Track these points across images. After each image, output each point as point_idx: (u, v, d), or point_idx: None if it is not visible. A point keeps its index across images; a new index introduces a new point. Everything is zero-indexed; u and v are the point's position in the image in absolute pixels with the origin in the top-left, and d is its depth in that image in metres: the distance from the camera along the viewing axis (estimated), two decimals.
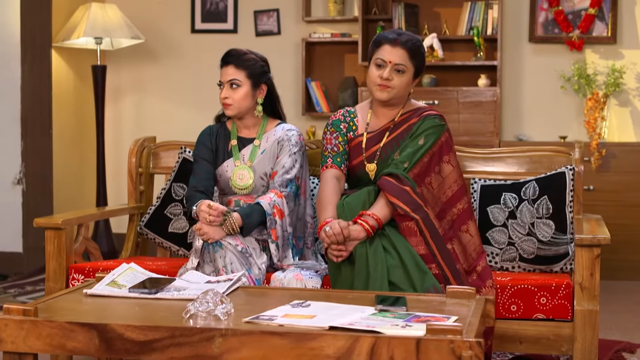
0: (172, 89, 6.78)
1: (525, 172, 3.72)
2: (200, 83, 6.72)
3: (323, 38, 6.42)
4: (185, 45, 6.76)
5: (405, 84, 3.33)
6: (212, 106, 6.64)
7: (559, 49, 6.24)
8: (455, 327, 2.18)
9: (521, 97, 6.33)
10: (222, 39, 6.70)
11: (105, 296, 2.70)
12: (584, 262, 3.10)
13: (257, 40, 6.63)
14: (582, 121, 6.16)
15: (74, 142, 6.43)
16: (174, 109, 6.78)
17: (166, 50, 6.76)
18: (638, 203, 5.77)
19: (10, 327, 2.35)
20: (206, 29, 6.73)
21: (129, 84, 6.81)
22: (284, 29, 6.63)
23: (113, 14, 6.04)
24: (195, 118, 6.72)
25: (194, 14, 6.73)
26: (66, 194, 6.30)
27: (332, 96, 6.55)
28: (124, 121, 6.83)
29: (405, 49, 3.31)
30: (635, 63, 6.11)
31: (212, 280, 2.88)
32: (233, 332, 2.25)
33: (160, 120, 6.78)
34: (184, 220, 3.89)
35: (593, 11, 6.10)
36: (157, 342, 2.28)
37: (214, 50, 6.67)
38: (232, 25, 6.69)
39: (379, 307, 2.51)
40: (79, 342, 2.32)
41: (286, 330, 2.25)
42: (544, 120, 6.29)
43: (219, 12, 6.69)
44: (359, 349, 2.19)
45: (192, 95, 6.75)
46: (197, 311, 2.39)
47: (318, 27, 6.57)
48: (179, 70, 6.77)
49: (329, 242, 3.06)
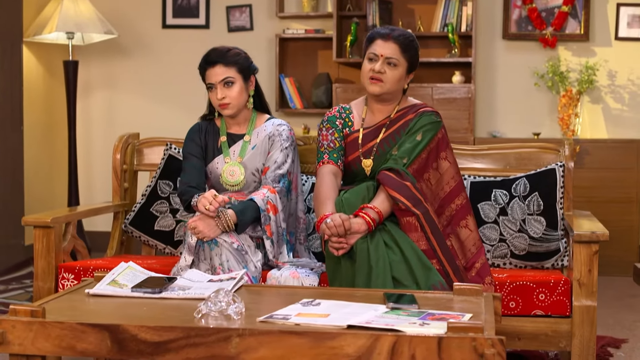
0: (144, 85, 6.70)
1: (513, 169, 3.73)
2: (172, 79, 6.65)
3: (297, 34, 6.38)
4: (156, 40, 6.68)
5: (397, 78, 3.32)
6: (183, 102, 6.61)
7: (532, 46, 6.28)
8: (477, 325, 2.17)
9: (495, 94, 6.35)
10: (193, 35, 6.64)
11: (109, 296, 2.64)
12: (582, 258, 3.12)
13: (230, 36, 6.57)
14: (555, 118, 6.21)
15: (44, 138, 6.32)
16: (145, 104, 6.70)
17: (137, 45, 6.68)
18: (611, 199, 5.83)
19: (18, 328, 2.29)
20: (178, 25, 6.66)
21: (99, 79, 6.71)
22: (257, 24, 6.58)
23: (85, 9, 5.94)
24: (167, 114, 6.66)
25: (165, 9, 6.65)
26: (37, 190, 6.19)
27: (305, 93, 6.52)
28: (94, 117, 6.73)
29: (397, 43, 3.31)
30: (607, 60, 6.17)
31: (214, 279, 2.84)
32: (250, 332, 2.21)
33: (131, 116, 6.69)
34: (170, 217, 3.83)
35: (566, 9, 6.14)
36: (172, 343, 2.23)
37: (185, 46, 6.63)
38: (204, 20, 6.62)
39: (391, 305, 2.49)
40: (90, 344, 2.26)
41: (305, 330, 2.22)
42: (517, 117, 6.32)
43: (190, 8, 6.62)
44: (380, 347, 2.17)
45: (164, 91, 6.68)
46: (210, 311, 2.35)
47: (291, 23, 6.53)
48: (150, 66, 6.69)
49: (330, 234, 3.03)
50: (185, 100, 6.64)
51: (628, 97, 6.20)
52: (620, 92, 6.20)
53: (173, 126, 6.46)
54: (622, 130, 6.18)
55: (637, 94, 6.19)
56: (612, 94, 6.21)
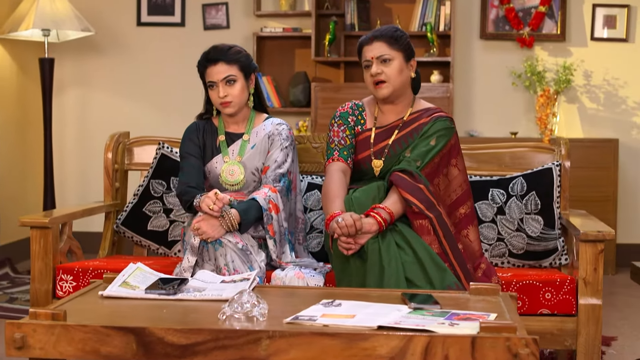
0: (118, 83, 6.61)
1: (508, 168, 3.74)
2: (147, 77, 6.57)
3: (275, 32, 6.35)
4: (131, 38, 6.60)
5: (397, 70, 3.30)
6: (158, 100, 6.53)
7: (509, 45, 6.32)
8: (510, 325, 2.16)
9: (472, 93, 6.38)
10: (168, 33, 6.58)
11: (123, 298, 2.59)
12: (587, 257, 3.13)
13: (206, 34, 6.52)
14: (532, 117, 6.25)
15: (18, 137, 6.20)
16: (119, 103, 6.61)
17: (111, 43, 6.59)
18: (588, 198, 5.87)
19: (39, 332, 2.23)
20: (152, 22, 6.58)
21: (73, 77, 6.60)
22: (233, 23, 6.53)
23: (62, 6, 5.84)
24: (142, 112, 6.59)
25: (140, 7, 6.57)
26: (9, 189, 6.08)
27: (283, 91, 6.49)
28: (67, 116, 6.62)
29: (382, 40, 3.31)
30: (583, 60, 6.23)
31: (226, 280, 2.80)
32: (281, 334, 2.18)
33: (105, 114, 6.60)
34: (164, 217, 3.78)
35: (543, 9, 6.19)
36: (200, 345, 2.19)
37: (160, 44, 6.56)
38: (179, 18, 6.56)
39: (413, 305, 2.47)
40: (115, 347, 2.21)
41: (336, 331, 2.19)
42: (494, 116, 6.36)
43: (165, 5, 6.55)
44: (413, 348, 2.15)
45: (139, 89, 6.60)
46: (234, 312, 2.32)
47: (268, 21, 6.49)
48: (125, 64, 6.60)
49: (340, 234, 3.00)
50: (161, 98, 6.57)
51: (603, 97, 6.26)
52: (595, 92, 6.26)
53: (148, 124, 6.41)
54: (598, 130, 6.25)
55: (612, 94, 6.25)
56: (587, 93, 6.27)
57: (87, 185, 6.62)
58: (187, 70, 6.45)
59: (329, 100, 6.06)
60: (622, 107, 6.25)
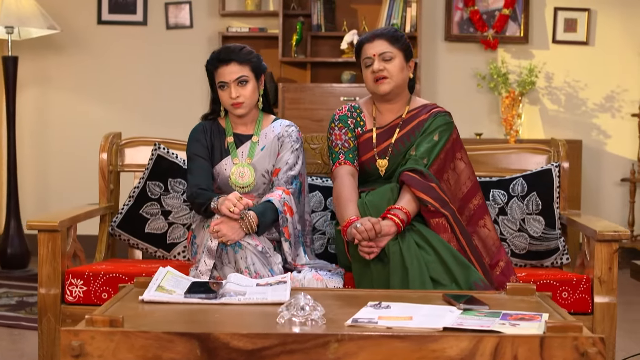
0: (79, 82, 6.46)
1: (503, 170, 3.79)
2: (108, 76, 6.45)
3: (241, 32, 6.30)
4: (91, 36, 6.46)
5: (398, 68, 3.33)
6: (120, 99, 6.41)
7: (474, 47, 6.40)
8: (576, 324, 2.19)
9: (437, 94, 6.44)
10: (130, 32, 6.46)
11: (164, 302, 2.53)
12: (602, 256, 3.18)
13: (168, 33, 6.43)
14: (496, 118, 6.34)
15: None
16: (80, 102, 6.46)
17: (72, 41, 6.44)
18: None
19: (98, 339, 2.16)
20: (114, 21, 6.46)
21: (32, 76, 6.43)
22: (197, 22, 6.45)
23: (27, 3, 5.69)
24: (103, 112, 6.45)
25: (100, 4, 6.44)
26: None
27: None
28: (26, 115, 6.44)
29: (384, 38, 3.34)
30: (545, 63, 6.35)
31: (261, 283, 2.77)
32: (350, 337, 2.16)
33: (65, 114, 6.45)
34: (162, 220, 3.71)
35: (507, 11, 6.29)
36: (267, 350, 2.16)
37: (122, 43, 6.44)
38: (141, 17, 6.45)
39: (462, 306, 2.48)
40: (178, 353, 2.16)
41: (405, 333, 2.18)
42: (459, 117, 6.35)
43: (127, 3, 6.43)
44: (482, 349, 2.16)
45: (100, 89, 6.46)
46: (293, 316, 2.29)
47: (232, 21, 6.44)
48: (85, 62, 6.46)
49: (361, 239, 3.00)
50: (122, 97, 6.45)
51: (564, 98, 6.39)
52: (557, 93, 6.39)
53: (109, 124, 6.30)
54: (559, 131, 6.37)
55: (573, 96, 6.38)
56: (549, 95, 6.39)
57: (46, 186, 6.46)
58: (150, 69, 6.37)
59: (296, 100, 6.04)
60: (582, 108, 6.39)
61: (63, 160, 6.48)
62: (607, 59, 6.37)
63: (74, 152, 6.45)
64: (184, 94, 6.38)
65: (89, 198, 6.06)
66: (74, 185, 6.38)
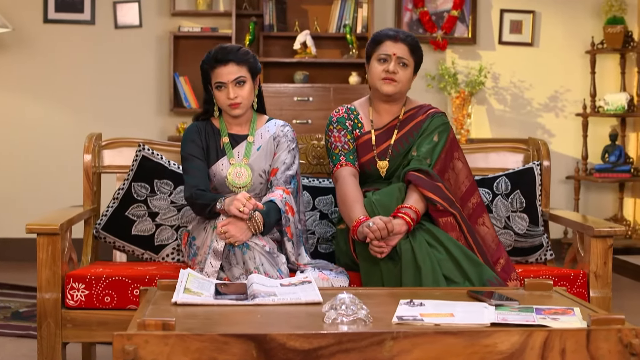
0: (25, 82, 6.29)
1: (485, 169, 3.86)
2: (55, 76, 6.30)
3: (193, 32, 6.25)
4: (37, 35, 6.30)
5: (408, 78, 3.39)
6: (66, 100, 6.27)
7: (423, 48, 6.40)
8: (619, 317, 2.26)
9: None
10: (77, 31, 6.33)
11: (198, 305, 2.51)
12: (598, 251, 3.29)
13: (117, 32, 6.33)
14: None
15: None
16: (25, 102, 6.30)
17: (16, 40, 6.27)
18: None
19: (152, 343, 2.14)
20: (60, 19, 6.32)
21: None
22: (146, 21, 6.37)
23: None
24: (48, 112, 6.31)
25: (46, 3, 6.29)
26: None
27: (201, 92, 6.36)
28: None
29: (406, 44, 3.38)
30: (492, 63, 6.49)
31: (284, 283, 2.77)
32: (405, 334, 2.19)
33: (9, 114, 6.27)
34: (149, 221, 3.65)
35: (455, 13, 6.40)
36: (323, 350, 2.17)
37: (69, 42, 6.31)
38: (89, 16, 6.32)
39: (494, 302, 2.53)
40: (234, 355, 2.15)
41: (459, 329, 2.22)
42: None
43: (74, 2, 6.30)
44: (532, 343, 2.21)
45: (47, 89, 6.31)
46: (339, 315, 2.30)
47: (183, 20, 6.38)
48: (30, 62, 6.30)
49: (373, 238, 3.03)
50: (68, 98, 6.31)
51: (510, 98, 6.54)
52: (503, 94, 6.53)
53: (53, 124, 6.19)
54: (505, 130, 6.52)
55: (518, 96, 6.54)
56: (495, 95, 6.53)
57: None
58: (98, 69, 6.26)
59: None
60: (528, 108, 6.56)
61: (10, 162, 6.31)
62: (551, 59, 6.55)
63: (20, 155, 6.29)
64: (133, 94, 6.29)
65: (44, 201, 5.95)
66: (23, 188, 6.23)
